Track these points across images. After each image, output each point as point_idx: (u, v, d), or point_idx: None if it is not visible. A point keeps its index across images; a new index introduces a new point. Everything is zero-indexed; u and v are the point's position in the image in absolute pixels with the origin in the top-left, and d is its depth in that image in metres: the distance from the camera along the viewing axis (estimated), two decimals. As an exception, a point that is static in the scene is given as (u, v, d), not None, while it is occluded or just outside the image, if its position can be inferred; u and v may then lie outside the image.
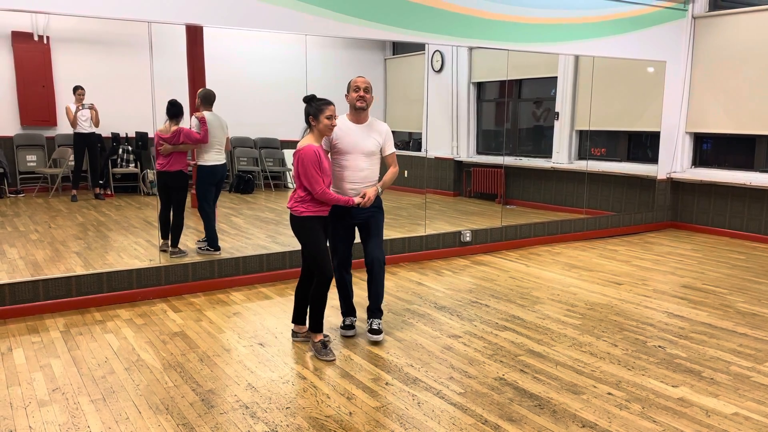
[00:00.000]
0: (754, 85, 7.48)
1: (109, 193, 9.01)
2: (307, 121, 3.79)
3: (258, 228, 7.33)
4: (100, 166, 8.82)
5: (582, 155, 8.70)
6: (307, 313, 4.03)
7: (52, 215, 7.71)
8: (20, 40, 8.53)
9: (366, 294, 4.25)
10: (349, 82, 4.07)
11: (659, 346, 4.12)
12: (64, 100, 8.57)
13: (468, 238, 6.77)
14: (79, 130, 8.36)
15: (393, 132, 4.24)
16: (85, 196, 8.69)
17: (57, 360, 3.79)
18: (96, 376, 3.56)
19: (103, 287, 4.89)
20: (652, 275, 5.99)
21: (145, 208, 8.38)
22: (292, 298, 5.08)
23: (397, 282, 5.61)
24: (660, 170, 8.23)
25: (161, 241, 5.87)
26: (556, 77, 8.80)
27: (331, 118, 3.75)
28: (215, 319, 4.59)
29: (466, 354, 3.94)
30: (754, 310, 4.94)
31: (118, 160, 9.21)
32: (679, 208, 8.44)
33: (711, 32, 7.88)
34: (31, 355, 3.86)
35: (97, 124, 8.47)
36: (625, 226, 8.10)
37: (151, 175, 8.86)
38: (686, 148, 8.35)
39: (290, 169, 10.11)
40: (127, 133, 9.26)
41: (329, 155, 4.02)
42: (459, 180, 10.00)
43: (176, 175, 5.83)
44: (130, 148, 9.26)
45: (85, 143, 8.44)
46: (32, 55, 8.61)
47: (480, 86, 9.99)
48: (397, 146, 4.70)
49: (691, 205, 8.30)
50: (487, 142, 10.15)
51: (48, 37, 8.63)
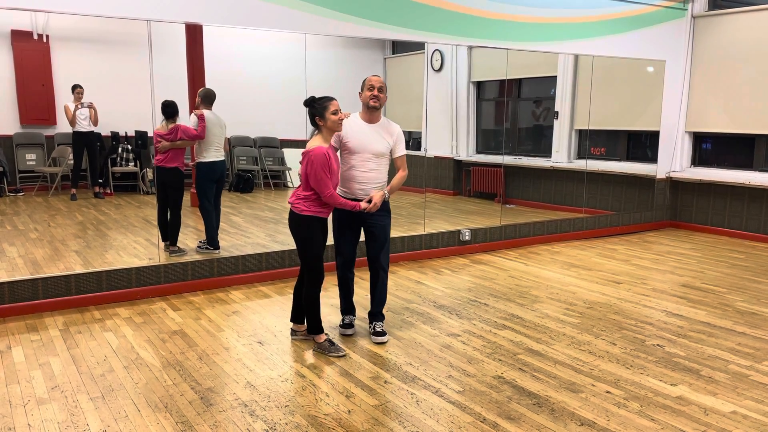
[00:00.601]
0: (753, 84, 7.48)
1: (109, 191, 9.01)
2: (314, 123, 3.75)
3: (257, 227, 7.33)
4: (99, 165, 8.83)
5: (581, 154, 8.70)
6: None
7: (52, 214, 7.71)
8: (20, 38, 8.52)
9: (365, 293, 4.25)
10: (364, 80, 4.01)
11: (658, 345, 4.12)
12: (64, 98, 8.57)
13: (467, 237, 6.77)
14: (78, 128, 8.36)
15: None
16: (84, 195, 8.70)
17: (56, 358, 3.79)
18: (95, 374, 3.57)
19: (103, 286, 4.89)
20: (651, 274, 5.99)
21: (145, 206, 8.38)
22: (291, 296, 5.10)
23: (396, 281, 5.61)
24: (659, 169, 8.23)
25: (161, 244, 5.86)
26: (556, 76, 8.80)
27: (337, 112, 3.71)
28: (214, 317, 4.59)
29: (465, 352, 3.95)
30: (753, 309, 4.94)
31: (118, 158, 9.21)
32: (679, 208, 8.44)
33: (710, 32, 7.88)
34: (30, 354, 3.86)
35: (96, 123, 8.47)
36: (625, 226, 8.10)
37: (151, 173, 8.86)
38: (685, 148, 8.35)
39: (290, 168, 10.11)
40: (126, 132, 9.26)
41: (338, 152, 3.98)
42: (458, 179, 10.00)
43: (172, 171, 5.83)
44: (130, 147, 9.26)
45: (84, 142, 8.44)
46: (32, 54, 8.60)
47: (479, 85, 9.99)
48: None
49: (691, 205, 8.31)
50: (486, 141, 10.15)
51: (47, 36, 8.62)
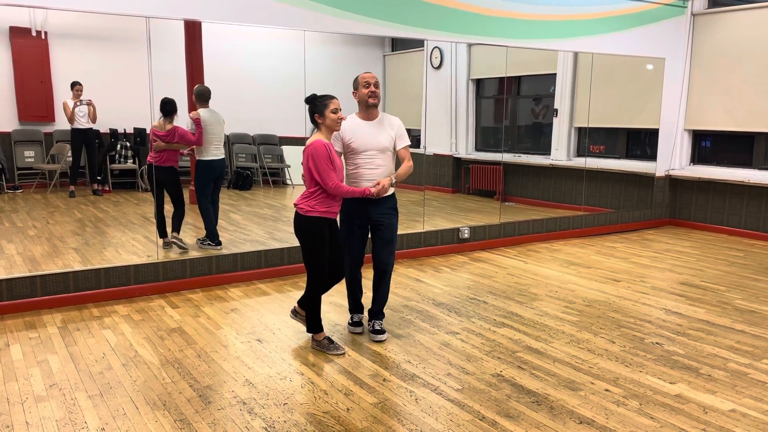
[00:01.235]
0: (753, 82, 7.47)
1: (107, 189, 9.00)
2: (313, 121, 3.72)
3: (256, 224, 7.33)
4: (98, 162, 8.82)
5: (581, 152, 8.70)
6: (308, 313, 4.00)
7: (50, 211, 7.70)
8: (18, 35, 8.51)
9: (366, 291, 4.24)
10: (356, 79, 3.97)
11: (657, 343, 4.12)
12: (62, 95, 8.56)
13: (466, 235, 6.77)
14: (77, 125, 8.35)
15: None
16: (83, 192, 8.69)
17: (54, 356, 3.78)
18: (93, 371, 3.56)
19: (101, 283, 4.88)
20: (650, 272, 5.99)
21: (143, 204, 8.38)
22: (290, 294, 5.10)
23: (395, 279, 5.60)
24: (658, 167, 8.23)
25: (160, 240, 5.85)
26: (555, 74, 8.79)
27: (337, 111, 3.67)
28: (213, 315, 4.59)
29: (464, 350, 3.94)
30: (752, 307, 4.94)
31: (116, 156, 9.20)
32: (678, 206, 8.44)
33: (710, 29, 7.87)
34: (29, 351, 3.85)
35: (94, 120, 8.46)
36: (624, 223, 8.10)
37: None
38: (685, 146, 8.34)
39: (289, 166, 10.10)
40: (125, 129, 9.25)
41: (343, 157, 3.95)
42: (458, 177, 9.99)
43: (167, 170, 5.82)
44: (128, 144, 9.25)
45: (83, 139, 8.43)
46: (30, 51, 8.58)
47: (479, 83, 9.98)
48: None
49: (690, 203, 8.30)
50: (485, 138, 10.15)
51: (46, 33, 8.61)
